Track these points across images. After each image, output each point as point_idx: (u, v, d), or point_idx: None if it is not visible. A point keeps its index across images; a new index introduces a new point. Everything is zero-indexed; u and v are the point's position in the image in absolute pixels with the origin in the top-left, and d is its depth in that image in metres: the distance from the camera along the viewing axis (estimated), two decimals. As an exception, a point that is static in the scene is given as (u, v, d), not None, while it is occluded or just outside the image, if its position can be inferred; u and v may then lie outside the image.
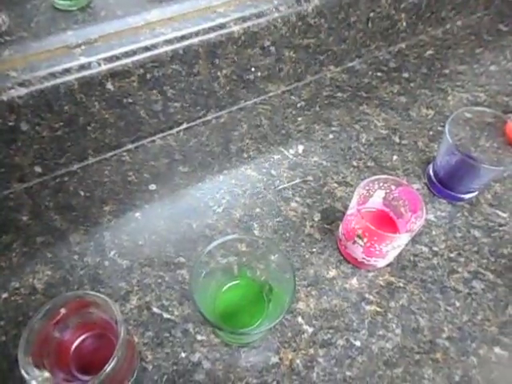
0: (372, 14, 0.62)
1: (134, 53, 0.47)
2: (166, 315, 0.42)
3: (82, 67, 0.45)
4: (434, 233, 0.48)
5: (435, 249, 0.47)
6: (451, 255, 0.47)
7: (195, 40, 0.49)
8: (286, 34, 0.56)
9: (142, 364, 0.39)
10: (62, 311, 0.34)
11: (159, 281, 0.44)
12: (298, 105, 0.61)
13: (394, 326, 0.42)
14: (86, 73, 0.45)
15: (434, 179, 0.51)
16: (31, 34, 0.48)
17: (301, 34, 0.57)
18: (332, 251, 0.47)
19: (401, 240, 0.39)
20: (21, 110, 0.44)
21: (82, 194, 0.51)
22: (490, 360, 0.40)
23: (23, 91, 0.43)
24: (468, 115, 0.49)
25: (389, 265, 0.46)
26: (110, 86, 0.47)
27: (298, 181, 0.52)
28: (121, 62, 0.46)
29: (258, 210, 0.50)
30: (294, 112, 0.60)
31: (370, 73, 0.66)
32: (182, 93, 0.54)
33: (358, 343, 0.41)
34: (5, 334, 0.40)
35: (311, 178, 0.53)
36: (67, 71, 0.45)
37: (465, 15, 0.74)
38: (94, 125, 0.50)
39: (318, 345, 0.40)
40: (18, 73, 0.44)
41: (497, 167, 0.44)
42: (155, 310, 0.42)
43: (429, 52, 0.69)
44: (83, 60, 0.45)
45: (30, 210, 0.49)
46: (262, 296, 0.42)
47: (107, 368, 0.30)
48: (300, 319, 0.42)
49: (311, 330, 0.41)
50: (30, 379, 0.30)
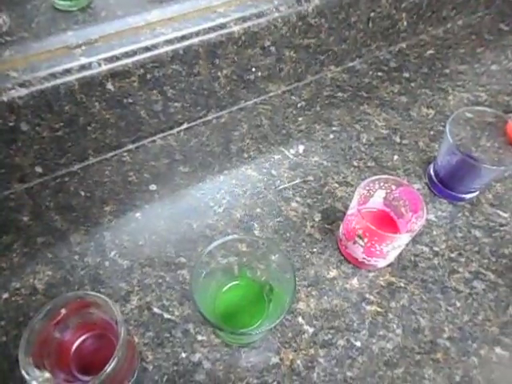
0: (372, 14, 0.61)
1: (135, 53, 0.47)
2: (166, 315, 0.42)
3: (82, 67, 0.45)
4: (434, 233, 0.48)
5: (436, 249, 0.47)
6: (452, 255, 0.47)
7: (195, 40, 0.49)
8: (287, 34, 0.55)
9: (143, 364, 0.39)
10: (63, 311, 0.34)
11: (160, 281, 0.44)
12: (299, 105, 0.61)
13: (395, 326, 0.42)
14: (87, 73, 0.45)
15: (434, 179, 0.51)
16: (32, 35, 0.48)
17: (301, 33, 0.57)
18: (332, 251, 0.47)
19: (401, 240, 0.39)
20: (21, 111, 0.44)
21: (83, 194, 0.51)
22: (490, 360, 0.40)
23: (23, 91, 0.43)
24: (469, 115, 0.49)
25: (389, 265, 0.46)
26: (110, 86, 0.47)
27: (298, 181, 0.52)
28: (121, 63, 0.46)
29: (258, 210, 0.50)
30: (294, 112, 0.60)
31: (370, 73, 0.66)
32: (183, 93, 0.54)
33: (358, 343, 0.41)
34: (5, 335, 0.40)
35: (312, 178, 0.53)
36: (67, 71, 0.45)
37: (466, 15, 0.74)
38: (94, 125, 0.50)
39: (318, 345, 0.40)
40: (18, 73, 0.44)
41: (498, 167, 0.44)
42: (156, 310, 0.42)
43: (429, 52, 0.69)
44: (83, 60, 0.45)
45: (31, 210, 0.49)
46: (263, 296, 0.42)
47: (108, 368, 0.30)
48: (300, 319, 0.42)
49: (312, 330, 0.41)
50: (31, 380, 0.30)
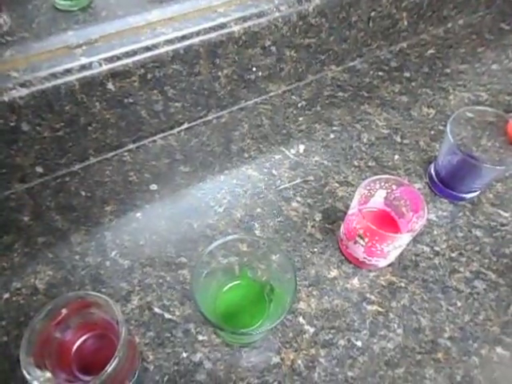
0: (373, 14, 0.61)
1: (135, 53, 0.47)
2: (167, 315, 0.42)
3: (82, 67, 0.45)
4: (435, 232, 0.48)
5: (437, 248, 0.47)
6: (453, 255, 0.47)
7: (196, 40, 0.49)
8: (287, 34, 0.55)
9: (144, 364, 0.39)
10: (64, 311, 0.34)
11: (160, 281, 0.44)
12: (299, 104, 0.61)
13: (396, 325, 0.42)
14: (87, 73, 0.45)
15: (435, 179, 0.51)
16: (32, 35, 0.48)
17: (302, 33, 0.57)
18: (333, 251, 0.47)
19: (402, 240, 0.39)
20: (22, 111, 0.44)
21: (83, 194, 0.51)
22: (491, 360, 0.40)
23: (24, 91, 0.43)
24: (470, 114, 0.49)
25: (390, 265, 0.46)
26: (110, 86, 0.47)
27: (299, 181, 0.52)
28: (122, 62, 0.46)
29: (259, 209, 0.50)
30: (294, 112, 0.60)
31: (371, 72, 0.66)
32: (183, 93, 0.54)
33: (359, 343, 0.41)
34: (6, 335, 0.40)
35: (312, 178, 0.53)
36: (68, 71, 0.45)
37: (466, 14, 0.74)
38: (94, 125, 0.50)
39: (319, 345, 0.40)
40: (19, 73, 0.44)
41: (498, 167, 0.44)
42: (156, 310, 0.42)
43: (430, 51, 0.69)
44: (84, 60, 0.45)
45: (32, 210, 0.49)
46: (263, 296, 0.42)
47: (108, 368, 0.30)
48: (301, 319, 0.42)
49: (312, 330, 0.41)
50: (32, 379, 0.30)
